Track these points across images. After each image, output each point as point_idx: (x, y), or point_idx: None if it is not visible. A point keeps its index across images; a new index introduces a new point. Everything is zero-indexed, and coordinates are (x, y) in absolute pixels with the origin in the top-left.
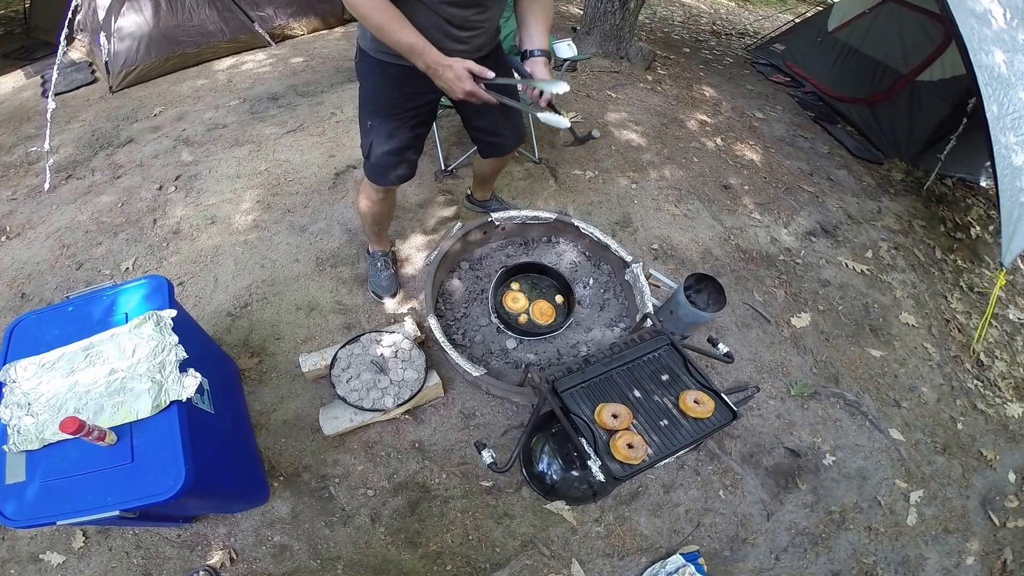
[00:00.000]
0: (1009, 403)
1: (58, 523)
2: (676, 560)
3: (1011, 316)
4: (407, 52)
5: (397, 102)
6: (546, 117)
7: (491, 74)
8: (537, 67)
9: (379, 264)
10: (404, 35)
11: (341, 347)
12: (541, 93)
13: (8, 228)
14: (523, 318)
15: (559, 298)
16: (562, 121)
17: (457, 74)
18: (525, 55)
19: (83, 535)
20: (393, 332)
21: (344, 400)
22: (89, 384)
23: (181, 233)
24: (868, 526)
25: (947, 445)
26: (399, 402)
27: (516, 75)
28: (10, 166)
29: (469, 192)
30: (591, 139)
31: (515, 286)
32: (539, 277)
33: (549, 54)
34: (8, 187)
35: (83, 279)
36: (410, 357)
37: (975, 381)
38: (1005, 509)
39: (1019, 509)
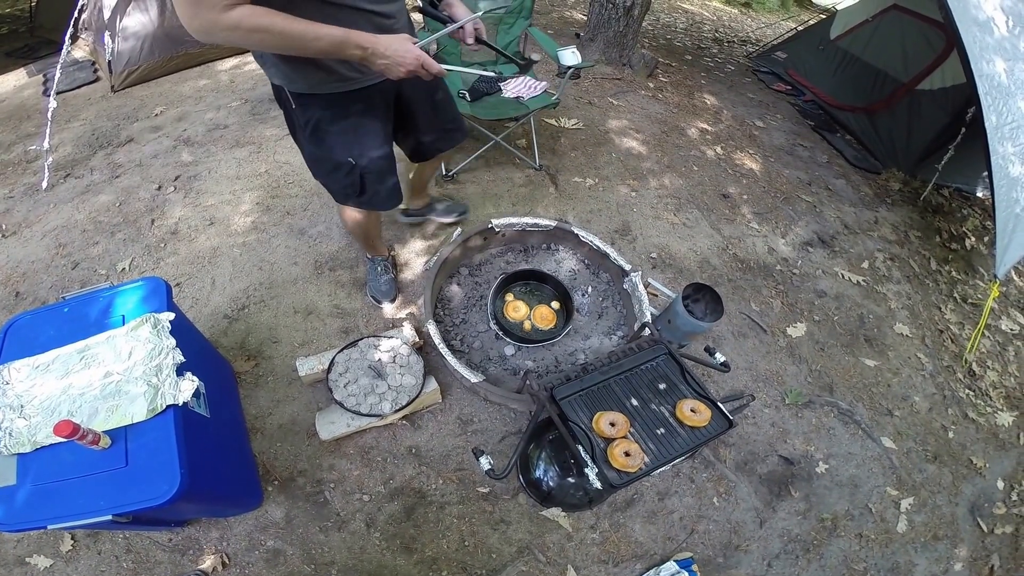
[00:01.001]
0: (1000, 412)
1: (49, 527)
2: (670, 567)
3: (1003, 327)
4: (338, 47)
5: (369, 120)
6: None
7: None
8: (455, 8)
9: (379, 268)
10: (327, 31)
11: (339, 352)
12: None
13: (4, 226)
14: (527, 325)
15: (555, 304)
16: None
17: (401, 43)
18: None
19: (71, 538)
20: (391, 337)
21: (341, 405)
22: (84, 387)
23: (179, 234)
24: (859, 533)
25: (938, 453)
26: (396, 407)
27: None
28: (8, 164)
29: (404, 207)
30: (532, 63)
31: (509, 297)
32: (538, 284)
33: None
34: (6, 185)
35: (79, 279)
36: (408, 363)
37: (967, 391)
38: (993, 516)
39: (1007, 516)
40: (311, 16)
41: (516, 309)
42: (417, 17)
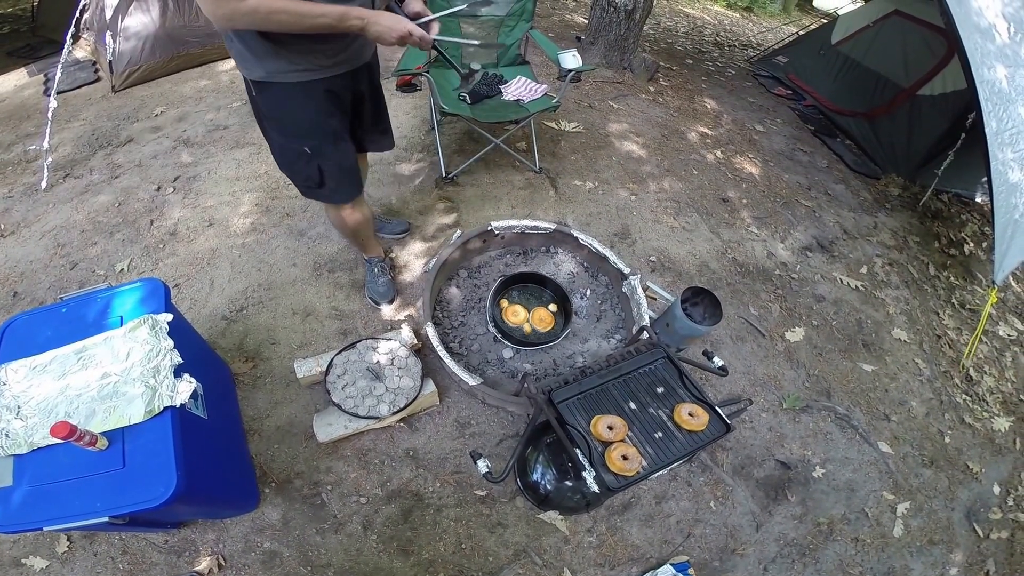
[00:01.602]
0: (996, 417)
1: (45, 529)
2: (666, 570)
3: (1001, 332)
4: (340, 19)
5: (328, 110)
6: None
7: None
8: (412, 5)
9: (376, 270)
10: (330, 8)
11: (337, 353)
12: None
13: (2, 226)
14: (527, 328)
15: (553, 307)
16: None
17: (392, 15)
18: None
19: (67, 540)
20: (390, 339)
21: (339, 407)
22: (81, 388)
23: (178, 235)
24: (855, 537)
25: (934, 458)
26: (394, 410)
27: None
28: (7, 164)
29: None
30: (472, 72)
31: (504, 303)
32: (537, 287)
33: None
34: (5, 185)
35: (77, 279)
36: (406, 364)
37: (964, 396)
38: (989, 521)
39: (1003, 521)
40: None
41: (515, 314)
42: None
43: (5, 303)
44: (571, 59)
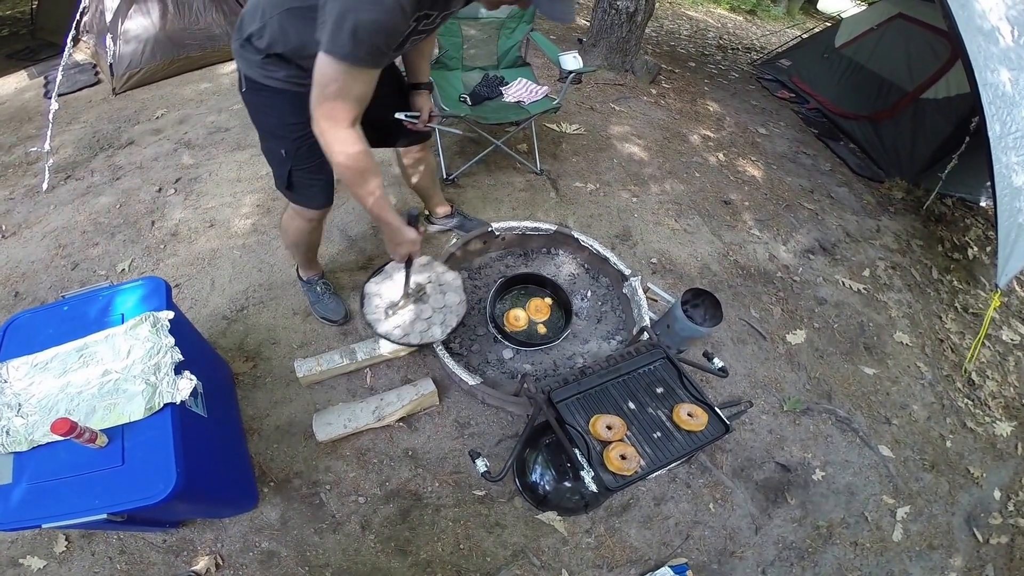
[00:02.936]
0: (998, 422)
1: (43, 526)
2: (665, 572)
3: (1004, 337)
4: (375, 217)
5: (303, 122)
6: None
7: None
8: (422, 98)
9: (318, 289)
10: (379, 207)
11: (368, 280)
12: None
13: (4, 227)
14: (523, 322)
15: (548, 299)
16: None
17: (409, 231)
18: (413, 87)
19: (65, 539)
20: (420, 255)
21: (387, 338)
22: (82, 385)
23: (179, 235)
24: (854, 541)
25: (935, 462)
26: (448, 330)
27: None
28: (9, 166)
29: (426, 213)
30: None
31: (507, 306)
32: (537, 288)
33: (432, 85)
34: (6, 187)
35: (78, 279)
36: (446, 280)
37: (966, 400)
38: (989, 526)
39: (1003, 526)
40: None
41: (516, 318)
42: None
43: (7, 303)
44: (572, 61)
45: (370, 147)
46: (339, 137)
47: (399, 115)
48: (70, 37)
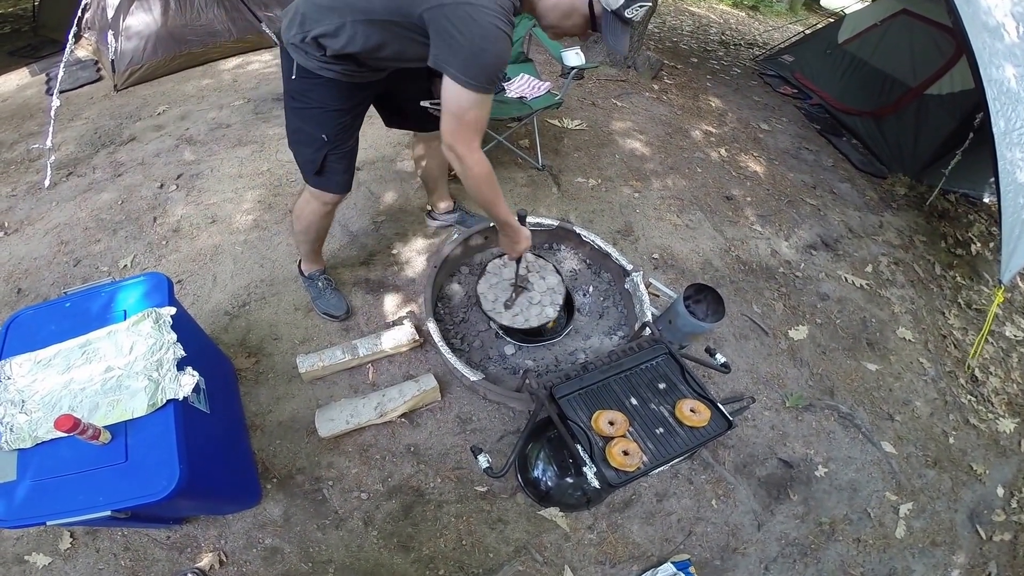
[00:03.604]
0: (1001, 418)
1: (48, 523)
2: (667, 568)
3: (1007, 333)
4: (501, 214)
5: (346, 108)
6: None
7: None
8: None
9: (320, 284)
10: (505, 213)
11: (478, 282)
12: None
13: (6, 224)
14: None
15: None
16: None
17: (527, 233)
18: (437, 76)
19: (70, 536)
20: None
21: (511, 329)
22: (85, 381)
23: (181, 231)
24: (857, 538)
25: (938, 459)
26: (557, 308)
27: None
28: (11, 163)
29: (428, 208)
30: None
31: None
32: None
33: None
34: (8, 183)
35: (80, 275)
36: (538, 265)
37: (969, 396)
38: (992, 523)
39: (1006, 523)
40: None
41: None
42: None
43: (10, 300)
44: (574, 57)
45: (390, 126)
46: (476, 160)
47: (424, 103)
48: (72, 34)
